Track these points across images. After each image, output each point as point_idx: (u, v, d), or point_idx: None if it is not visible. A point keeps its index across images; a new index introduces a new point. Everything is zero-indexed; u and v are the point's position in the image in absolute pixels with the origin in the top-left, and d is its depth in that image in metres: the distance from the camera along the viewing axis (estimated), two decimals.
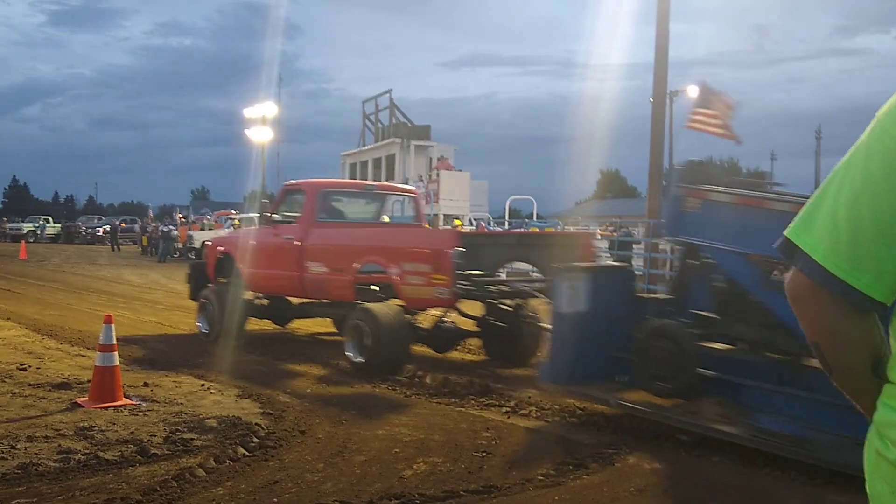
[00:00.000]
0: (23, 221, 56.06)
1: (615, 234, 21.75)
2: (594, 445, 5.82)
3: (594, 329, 6.62)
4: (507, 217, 29.53)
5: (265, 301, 11.19)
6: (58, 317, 13.19)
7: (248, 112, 38.95)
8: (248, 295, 10.90)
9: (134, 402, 6.72)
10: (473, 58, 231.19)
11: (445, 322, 9.45)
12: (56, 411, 6.41)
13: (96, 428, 5.85)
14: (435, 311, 9.59)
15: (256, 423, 6.13)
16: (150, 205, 61.44)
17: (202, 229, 32.98)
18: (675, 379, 6.11)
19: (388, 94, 35.73)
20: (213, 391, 7.38)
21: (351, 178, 37.01)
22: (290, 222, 10.46)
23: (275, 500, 4.59)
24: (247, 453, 5.38)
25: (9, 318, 12.45)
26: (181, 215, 47.24)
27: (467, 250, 8.43)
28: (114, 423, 6.01)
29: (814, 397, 5.39)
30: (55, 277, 22.32)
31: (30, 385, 7.38)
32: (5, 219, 63.39)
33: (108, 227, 46.74)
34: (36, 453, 5.22)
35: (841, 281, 1.25)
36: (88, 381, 7.02)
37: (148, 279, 22.82)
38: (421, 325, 9.22)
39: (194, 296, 11.68)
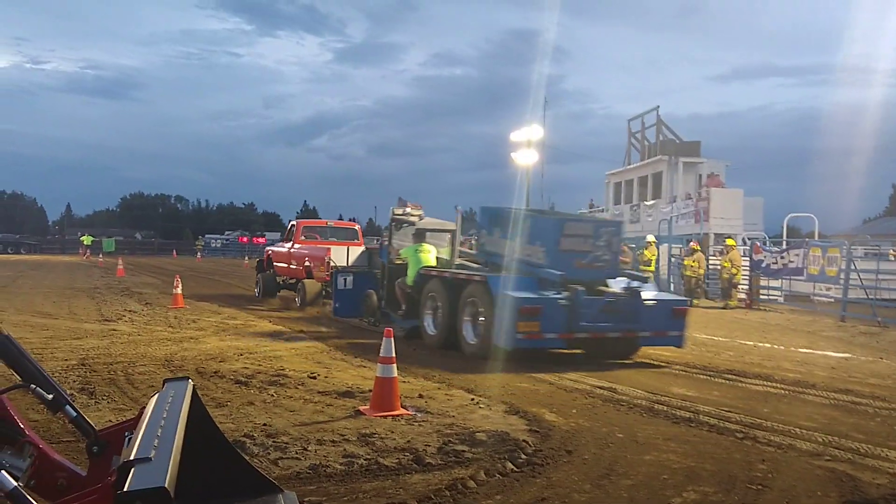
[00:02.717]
0: None
1: None
2: (885, 486, 5.30)
3: (354, 296, 15.03)
4: (784, 236, 27.14)
5: (292, 280, 20.36)
6: (341, 331, 14.33)
7: (514, 136, 39.77)
8: (280, 278, 21.32)
9: (410, 413, 7.10)
10: (745, 70, 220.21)
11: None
12: (341, 417, 6.94)
13: (376, 435, 6.25)
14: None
15: (524, 440, 6.23)
16: None
17: (470, 249, 34.11)
18: (374, 313, 14.63)
19: (654, 112, 35.08)
20: (482, 406, 7.62)
21: (615, 197, 36.69)
22: (290, 240, 20.94)
23: None
24: (515, 469, 5.48)
25: (301, 331, 13.73)
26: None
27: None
28: (392, 432, 6.39)
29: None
30: None
31: (319, 392, 8.07)
32: None
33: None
34: (325, 456, 5.67)
35: None
36: (370, 391, 7.53)
37: None
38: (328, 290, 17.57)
39: (256, 277, 22.98)
